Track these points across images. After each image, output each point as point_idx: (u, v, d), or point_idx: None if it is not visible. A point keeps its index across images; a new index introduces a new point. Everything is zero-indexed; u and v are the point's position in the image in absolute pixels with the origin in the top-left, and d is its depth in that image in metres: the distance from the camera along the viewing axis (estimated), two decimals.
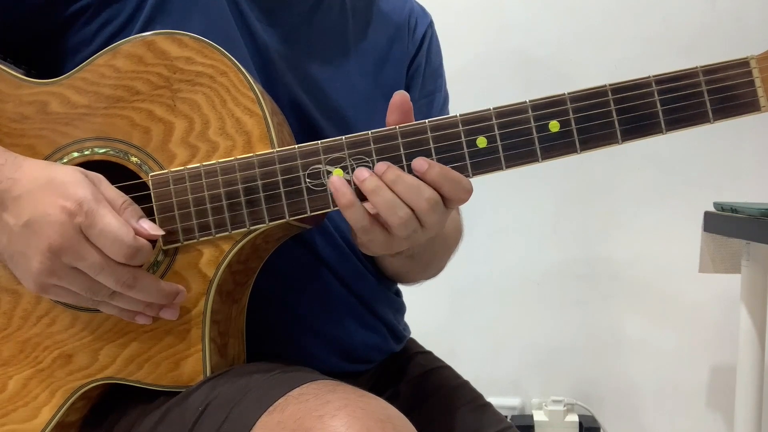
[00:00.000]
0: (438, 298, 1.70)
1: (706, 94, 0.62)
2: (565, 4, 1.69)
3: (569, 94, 0.62)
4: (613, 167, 1.68)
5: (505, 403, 1.74)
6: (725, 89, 0.62)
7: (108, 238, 0.58)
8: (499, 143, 0.62)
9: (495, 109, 0.62)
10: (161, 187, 0.64)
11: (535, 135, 0.62)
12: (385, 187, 0.60)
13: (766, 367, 1.38)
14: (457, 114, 0.63)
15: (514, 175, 0.69)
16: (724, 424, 1.70)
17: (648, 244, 1.69)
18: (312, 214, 0.63)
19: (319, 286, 0.78)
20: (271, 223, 0.64)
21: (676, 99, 0.62)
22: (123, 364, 0.66)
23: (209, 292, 0.65)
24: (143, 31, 0.66)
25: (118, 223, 0.59)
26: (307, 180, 0.63)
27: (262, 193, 0.63)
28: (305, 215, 0.63)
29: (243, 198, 0.64)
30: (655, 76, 0.62)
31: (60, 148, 0.66)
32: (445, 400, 0.84)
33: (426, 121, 0.63)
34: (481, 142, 0.62)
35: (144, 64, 0.65)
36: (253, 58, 0.73)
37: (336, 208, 0.62)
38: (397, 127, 0.63)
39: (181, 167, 0.64)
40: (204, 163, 0.64)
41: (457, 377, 0.89)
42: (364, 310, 0.82)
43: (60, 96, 0.66)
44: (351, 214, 0.61)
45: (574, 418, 1.69)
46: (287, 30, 0.77)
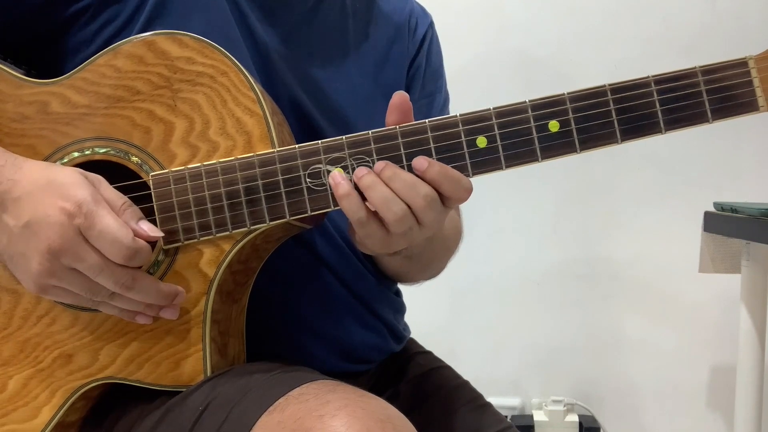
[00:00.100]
0: (438, 298, 1.70)
1: (704, 94, 0.62)
2: (565, 4, 1.69)
3: (569, 94, 0.62)
4: (613, 167, 1.68)
5: (505, 403, 1.74)
6: (724, 89, 0.62)
7: (107, 240, 0.58)
8: (498, 143, 0.62)
9: (495, 108, 0.62)
10: (162, 186, 0.64)
11: (534, 135, 0.62)
12: (381, 183, 0.61)
13: (766, 367, 1.38)
14: (457, 114, 0.63)
15: (514, 175, 0.69)
16: (724, 424, 1.70)
17: (648, 244, 1.69)
18: (312, 213, 0.63)
19: (319, 286, 0.78)
20: (271, 223, 0.64)
21: (675, 99, 0.62)
22: (123, 364, 0.66)
23: (210, 291, 0.65)
24: (143, 32, 0.66)
25: (117, 225, 0.59)
26: (307, 180, 0.63)
27: (262, 193, 0.63)
28: (305, 215, 0.64)
29: (243, 198, 0.64)
30: (654, 76, 0.62)
31: (60, 148, 0.66)
32: (445, 400, 0.84)
33: (426, 120, 0.63)
34: (481, 142, 0.62)
35: (144, 64, 0.65)
36: (253, 58, 0.73)
37: (336, 208, 0.63)
38: (397, 126, 0.63)
39: (182, 167, 0.64)
40: (204, 163, 0.64)
41: (457, 377, 0.89)
42: (364, 310, 0.82)
43: (60, 96, 0.66)
44: (347, 204, 0.61)
45: (574, 418, 1.68)
46: (287, 30, 0.77)
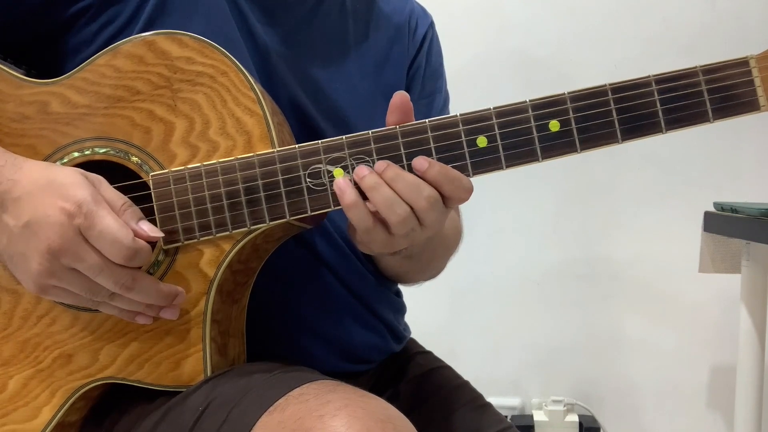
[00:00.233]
0: (438, 299, 1.70)
1: (705, 94, 0.62)
2: (565, 4, 1.69)
3: (569, 93, 0.62)
4: (613, 167, 1.68)
5: (505, 403, 1.74)
6: (725, 89, 0.62)
7: (107, 240, 0.58)
8: (499, 143, 0.62)
9: (495, 108, 0.62)
10: (162, 186, 0.64)
11: (535, 134, 0.62)
12: (384, 184, 0.60)
13: (766, 367, 1.38)
14: (457, 114, 0.63)
15: (514, 174, 0.69)
16: (724, 424, 1.70)
17: (648, 244, 1.69)
18: (312, 213, 0.63)
19: (320, 287, 0.78)
20: (271, 223, 0.64)
21: (676, 98, 0.62)
22: (123, 364, 0.66)
23: (210, 291, 0.65)
24: (144, 32, 0.66)
25: (117, 225, 0.59)
26: (307, 180, 0.63)
27: (262, 193, 0.63)
28: (306, 215, 0.63)
29: (243, 198, 0.64)
30: (654, 75, 0.62)
31: (60, 148, 0.66)
32: (445, 400, 0.84)
33: (426, 120, 0.63)
34: (482, 142, 0.62)
35: (144, 64, 0.65)
36: (253, 58, 0.73)
37: (336, 208, 0.63)
38: (397, 126, 0.63)
39: (182, 167, 0.64)
40: (204, 163, 0.64)
41: (457, 377, 0.89)
42: (364, 311, 0.82)
43: (60, 96, 0.66)
44: (354, 214, 0.61)
45: (574, 418, 1.68)
46: (287, 31, 0.77)
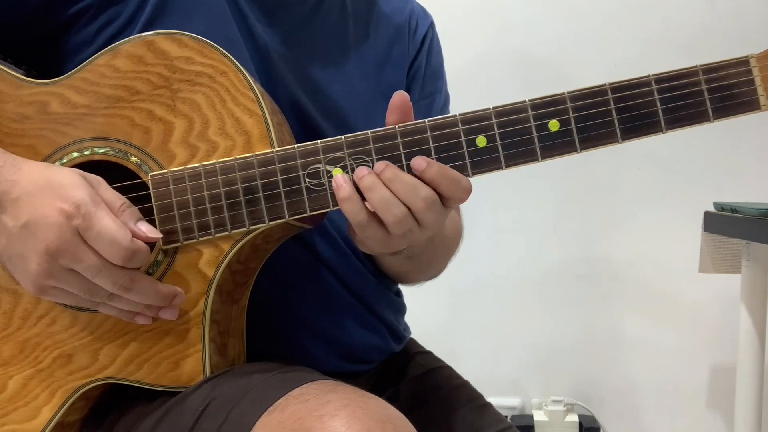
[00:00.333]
0: (438, 299, 1.70)
1: (706, 93, 0.62)
2: (565, 4, 1.69)
3: (569, 93, 0.62)
4: (613, 167, 1.68)
5: (505, 403, 1.74)
6: (725, 88, 0.62)
7: (105, 241, 0.58)
8: (498, 142, 0.62)
9: (494, 108, 0.62)
10: (161, 186, 0.64)
11: (534, 134, 0.62)
12: (382, 184, 0.60)
13: (766, 367, 1.38)
14: (457, 113, 0.63)
15: (514, 174, 0.69)
16: (724, 424, 1.70)
17: (648, 244, 1.69)
18: (311, 213, 0.63)
19: (320, 287, 0.78)
20: (270, 223, 0.64)
21: (676, 98, 0.62)
22: (123, 364, 0.66)
23: (209, 291, 0.65)
24: (144, 32, 0.66)
25: (116, 226, 0.59)
26: (306, 180, 0.63)
27: (261, 193, 0.63)
28: (305, 215, 0.63)
29: (242, 198, 0.64)
30: (654, 75, 0.62)
31: (60, 148, 0.66)
32: (445, 400, 0.84)
33: (425, 120, 0.63)
34: (481, 142, 0.62)
35: (144, 64, 0.65)
36: (253, 58, 0.73)
37: (336, 208, 0.63)
38: (396, 126, 0.63)
39: (181, 167, 0.64)
40: (203, 163, 0.64)
41: (457, 377, 0.89)
42: (364, 311, 0.82)
43: (60, 96, 0.66)
44: (348, 207, 0.61)
45: (574, 418, 1.68)
46: (287, 31, 0.77)
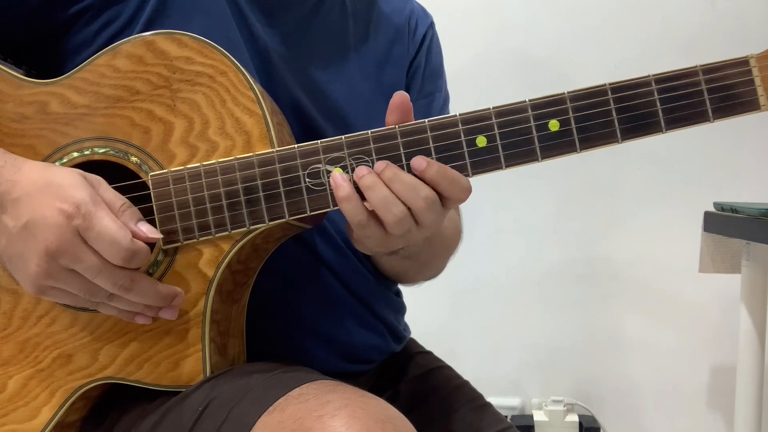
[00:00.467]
0: (438, 299, 1.70)
1: (705, 93, 0.62)
2: (564, 4, 1.69)
3: (569, 93, 0.62)
4: (613, 167, 1.68)
5: (505, 403, 1.74)
6: (725, 88, 0.62)
7: (105, 241, 0.58)
8: (498, 142, 0.62)
9: (494, 108, 0.62)
10: (161, 186, 0.64)
11: (534, 134, 0.62)
12: (382, 184, 0.60)
13: (766, 367, 1.38)
14: (457, 113, 0.63)
15: (514, 174, 0.69)
16: (724, 424, 1.70)
17: (648, 244, 1.69)
18: (311, 213, 0.63)
19: (320, 287, 0.78)
20: (270, 223, 0.64)
21: (676, 98, 0.62)
22: (123, 364, 0.66)
23: (209, 291, 0.65)
24: (144, 32, 0.66)
25: (116, 226, 0.59)
26: (306, 179, 0.63)
27: (261, 193, 0.63)
28: (305, 215, 0.63)
29: (243, 198, 0.64)
30: (654, 75, 0.62)
31: (60, 148, 0.66)
32: (445, 400, 0.84)
33: (425, 120, 0.63)
34: (481, 142, 0.62)
35: (144, 64, 0.65)
36: (253, 59, 0.73)
37: (336, 208, 0.63)
38: (396, 126, 0.63)
39: (181, 167, 0.64)
40: (203, 163, 0.64)
41: (457, 377, 0.89)
42: (364, 311, 0.82)
43: (60, 96, 0.66)
44: (347, 206, 0.61)
45: (574, 418, 1.68)
46: (287, 31, 0.77)
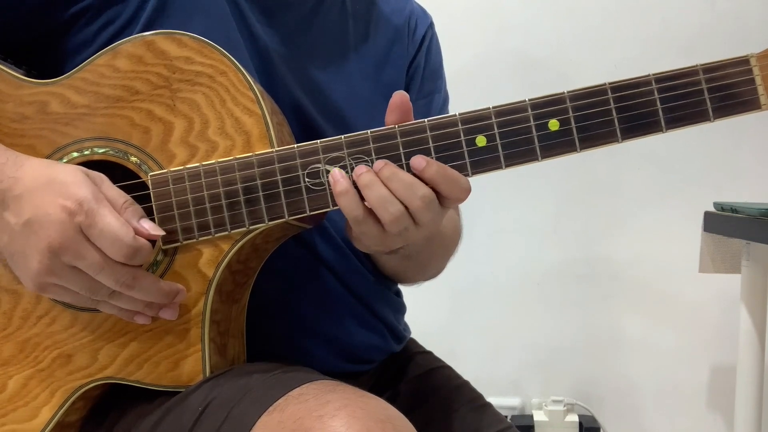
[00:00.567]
0: (438, 299, 1.70)
1: (706, 93, 0.62)
2: (564, 4, 1.69)
3: (568, 92, 0.62)
4: (613, 167, 1.68)
5: (505, 403, 1.74)
6: (725, 87, 0.62)
7: (108, 238, 0.58)
8: (498, 142, 0.62)
9: (494, 108, 0.62)
10: (160, 186, 0.64)
11: (534, 134, 0.62)
12: (380, 182, 0.60)
13: (766, 367, 1.38)
14: (457, 113, 0.63)
15: (514, 174, 0.69)
16: (724, 424, 1.70)
17: (648, 244, 1.69)
18: (311, 213, 0.63)
19: (320, 287, 0.78)
20: (270, 223, 0.64)
21: (676, 97, 0.62)
22: (123, 364, 0.66)
23: (209, 291, 0.65)
24: (144, 32, 0.66)
25: (119, 223, 0.59)
26: (306, 179, 0.63)
27: (261, 193, 0.63)
28: (304, 215, 0.63)
29: (242, 197, 0.64)
30: (654, 74, 0.62)
31: (60, 148, 0.66)
32: (445, 400, 0.84)
33: (425, 120, 0.62)
34: (481, 141, 0.62)
35: (144, 64, 0.65)
36: (253, 59, 0.73)
37: (335, 208, 0.63)
38: (396, 126, 0.63)
39: (180, 167, 0.64)
40: (203, 163, 0.64)
41: (457, 377, 0.89)
42: (364, 311, 0.82)
43: (60, 96, 0.66)
44: (344, 202, 0.61)
45: (574, 418, 1.68)
46: (287, 32, 0.77)
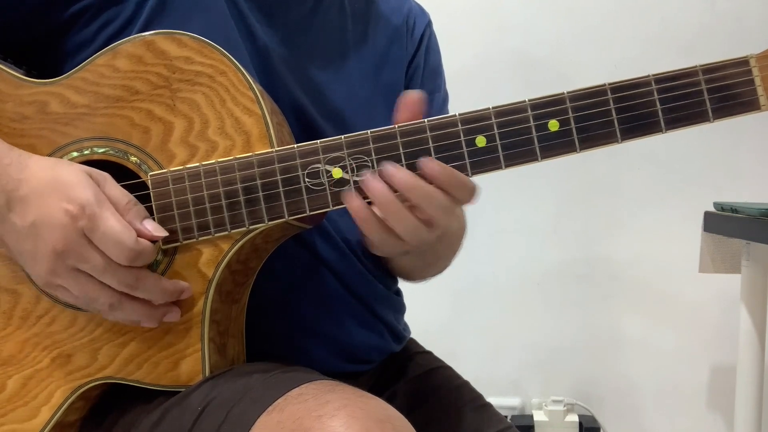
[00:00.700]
0: (438, 298, 1.70)
1: (705, 93, 0.62)
2: (563, 4, 1.69)
3: (568, 93, 0.62)
4: (613, 167, 1.68)
5: (505, 403, 1.74)
6: (725, 88, 0.62)
7: (110, 242, 0.58)
8: (498, 142, 0.62)
9: (494, 108, 0.62)
10: (160, 186, 0.64)
11: (534, 134, 0.62)
12: (395, 201, 0.60)
13: (766, 367, 1.38)
14: (456, 113, 0.63)
15: (515, 174, 0.68)
16: (724, 424, 1.70)
17: (648, 244, 1.69)
18: (311, 213, 0.63)
19: (319, 287, 0.77)
20: (270, 223, 0.64)
21: (676, 98, 0.62)
22: (122, 364, 0.66)
23: (208, 291, 0.65)
24: (143, 32, 0.66)
25: (121, 226, 0.59)
26: (306, 179, 0.63)
27: (261, 193, 0.63)
28: (304, 215, 0.63)
29: (242, 197, 0.63)
30: (654, 75, 0.62)
31: (59, 148, 0.66)
32: (445, 400, 0.84)
33: (425, 120, 0.62)
34: (480, 142, 0.62)
35: (143, 64, 0.65)
36: (252, 59, 0.73)
37: (335, 208, 0.63)
38: (396, 126, 0.63)
39: (180, 167, 0.64)
40: (203, 163, 0.64)
41: (457, 377, 0.89)
42: (363, 310, 0.81)
43: (60, 96, 0.66)
44: (367, 228, 0.61)
45: (574, 418, 1.69)
46: (287, 32, 0.77)
